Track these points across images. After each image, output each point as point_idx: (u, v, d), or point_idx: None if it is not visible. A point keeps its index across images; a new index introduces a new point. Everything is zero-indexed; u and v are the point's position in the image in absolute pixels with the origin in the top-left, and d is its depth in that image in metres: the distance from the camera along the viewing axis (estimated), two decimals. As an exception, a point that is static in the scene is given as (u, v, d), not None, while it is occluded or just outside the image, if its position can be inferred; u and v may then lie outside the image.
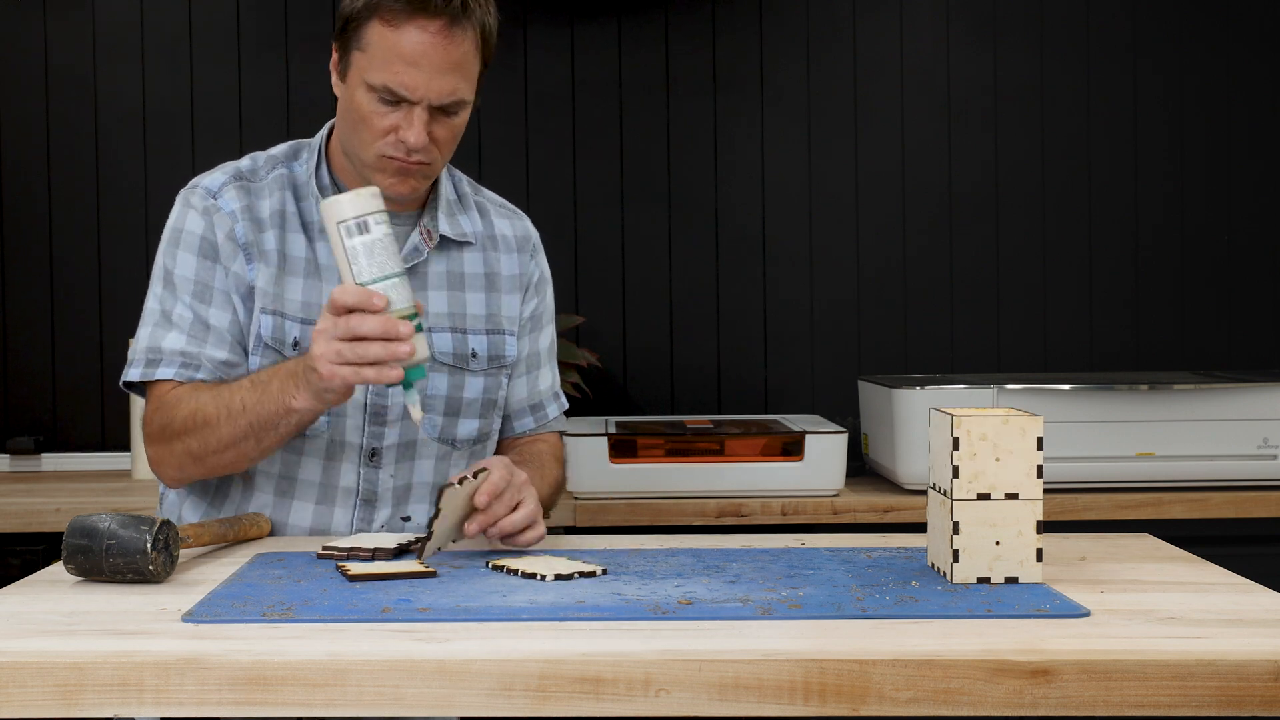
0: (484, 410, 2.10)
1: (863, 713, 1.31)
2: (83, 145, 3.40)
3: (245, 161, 2.07)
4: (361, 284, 1.74)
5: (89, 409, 3.38)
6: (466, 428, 2.08)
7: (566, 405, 2.25)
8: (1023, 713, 1.31)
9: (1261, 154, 3.43)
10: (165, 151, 3.37)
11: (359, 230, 1.74)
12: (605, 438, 2.82)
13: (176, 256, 2.00)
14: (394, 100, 1.93)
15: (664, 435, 2.90)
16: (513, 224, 2.17)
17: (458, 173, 2.16)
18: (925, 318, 3.42)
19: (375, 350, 1.73)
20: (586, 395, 3.24)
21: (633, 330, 3.43)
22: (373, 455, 2.02)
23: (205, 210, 2.01)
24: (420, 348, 1.75)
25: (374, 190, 1.77)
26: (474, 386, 2.08)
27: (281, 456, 2.00)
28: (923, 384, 2.87)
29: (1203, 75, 3.42)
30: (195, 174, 2.10)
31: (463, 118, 1.99)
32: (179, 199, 2.05)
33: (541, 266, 2.20)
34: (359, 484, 2.03)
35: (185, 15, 3.40)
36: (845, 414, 3.26)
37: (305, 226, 2.03)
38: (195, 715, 1.31)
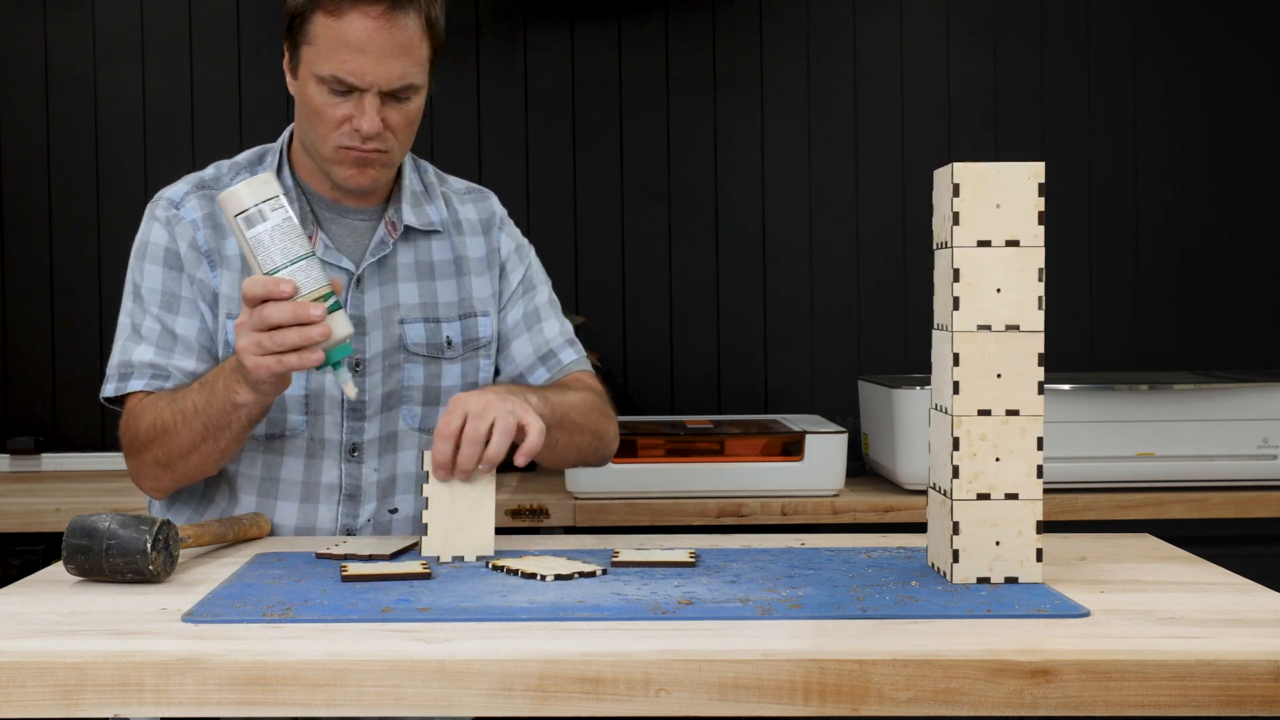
0: None
1: (863, 713, 1.31)
2: (83, 145, 3.40)
3: (210, 170, 2.09)
4: (268, 272, 1.74)
5: (89, 409, 3.38)
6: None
7: (584, 353, 2.20)
8: (1023, 713, 1.31)
9: (1261, 154, 3.43)
10: (165, 151, 3.37)
11: (259, 218, 1.74)
12: (605, 438, 2.82)
13: (144, 270, 2.02)
14: (344, 90, 1.94)
15: (664, 435, 2.89)
16: (477, 206, 2.18)
17: (424, 163, 2.17)
18: (925, 317, 3.41)
19: (291, 337, 1.73)
20: (586, 395, 3.24)
21: (633, 330, 3.43)
22: (354, 450, 2.03)
23: (168, 221, 2.03)
24: (338, 326, 1.75)
25: (266, 177, 1.77)
26: (451, 374, 2.09)
27: (263, 458, 2.02)
28: (922, 384, 2.87)
29: (1203, 75, 3.42)
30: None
31: (416, 104, 1.99)
32: (145, 212, 2.07)
33: (514, 237, 2.19)
34: (342, 480, 2.03)
35: (185, 15, 3.40)
36: (845, 414, 3.26)
37: None
38: (195, 715, 1.31)
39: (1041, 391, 1.61)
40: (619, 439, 2.17)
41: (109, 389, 2.02)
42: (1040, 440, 1.61)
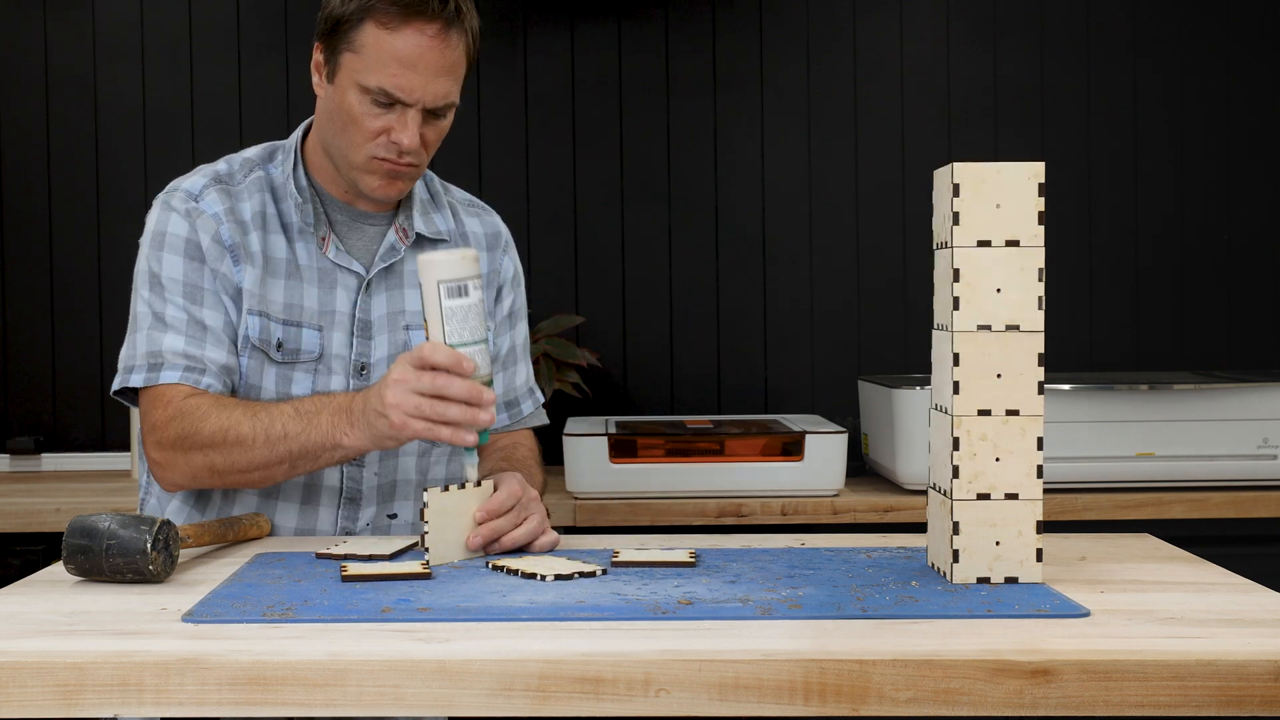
0: None
1: (863, 713, 1.31)
2: (83, 145, 3.40)
3: (221, 165, 2.07)
4: (452, 345, 1.76)
5: (89, 409, 3.38)
6: None
7: (543, 399, 2.26)
8: (1023, 713, 1.31)
9: (1261, 154, 3.43)
10: (165, 151, 3.37)
11: (459, 293, 1.76)
12: (605, 438, 2.82)
13: (162, 259, 1.98)
14: (389, 102, 1.93)
15: (664, 435, 2.90)
16: (482, 221, 2.18)
17: (429, 172, 2.17)
18: (925, 317, 3.42)
19: (455, 413, 1.75)
20: (586, 395, 3.24)
21: (633, 330, 3.43)
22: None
23: (188, 213, 2.00)
24: (492, 414, 1.78)
25: (474, 253, 1.78)
26: None
27: None
28: (922, 384, 2.87)
29: (1203, 75, 3.42)
30: (195, 174, 2.10)
31: (449, 120, 2.00)
32: (158, 203, 2.03)
33: (515, 263, 2.21)
34: (343, 483, 2.03)
35: (185, 15, 3.40)
36: (845, 414, 3.26)
37: (285, 228, 2.03)
38: (195, 715, 1.31)
39: (1041, 391, 1.61)
40: None
41: (136, 379, 1.97)
42: (1040, 440, 1.61)
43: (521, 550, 1.83)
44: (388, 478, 2.06)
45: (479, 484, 1.81)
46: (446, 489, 1.77)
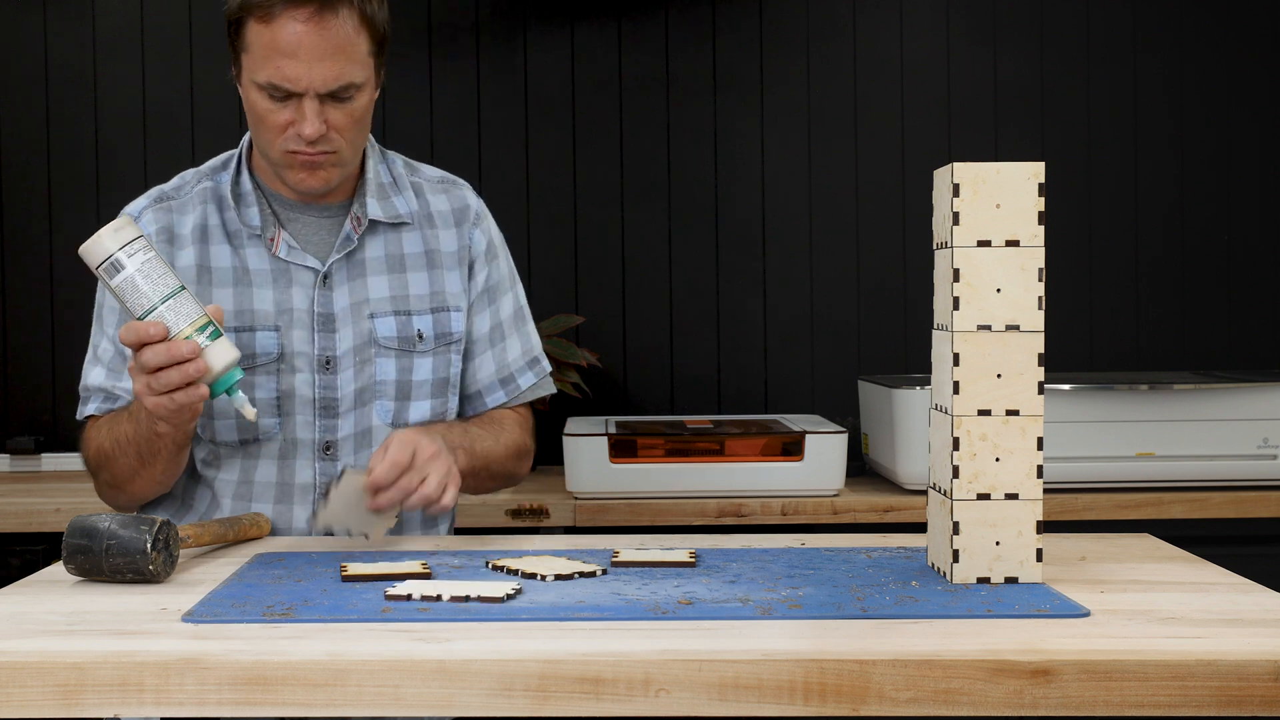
0: (435, 391, 2.09)
1: (863, 713, 1.31)
2: (83, 145, 3.40)
3: (173, 181, 2.10)
4: (139, 316, 1.77)
5: (89, 409, 3.38)
6: (419, 410, 2.07)
7: (549, 369, 2.22)
8: (1023, 713, 1.31)
9: (1262, 154, 3.43)
10: (165, 151, 3.37)
11: (116, 269, 1.77)
12: (605, 438, 2.82)
13: (101, 288, 2.05)
14: (283, 95, 1.94)
15: (664, 435, 2.90)
16: (450, 196, 2.15)
17: (392, 155, 2.16)
18: (925, 317, 3.42)
19: (172, 376, 1.76)
20: (586, 395, 3.24)
21: (633, 330, 3.43)
22: (327, 448, 2.03)
23: None
24: (217, 356, 1.78)
25: (120, 222, 1.79)
26: (423, 368, 2.08)
27: (240, 462, 2.03)
28: (922, 384, 2.87)
29: (1203, 75, 3.42)
30: (195, 174, 2.11)
31: (360, 102, 1.98)
32: None
33: (488, 234, 2.16)
34: (316, 479, 2.04)
35: (185, 15, 3.40)
36: (845, 414, 3.26)
37: (230, 236, 2.04)
38: (195, 715, 1.31)
39: (1041, 391, 1.61)
40: (530, 466, 2.23)
41: (78, 412, 2.07)
42: (1040, 440, 1.61)
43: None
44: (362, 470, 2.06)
45: (254, 419, 1.83)
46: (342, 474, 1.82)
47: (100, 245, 1.77)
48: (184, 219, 2.04)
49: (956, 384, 1.60)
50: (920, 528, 1.86)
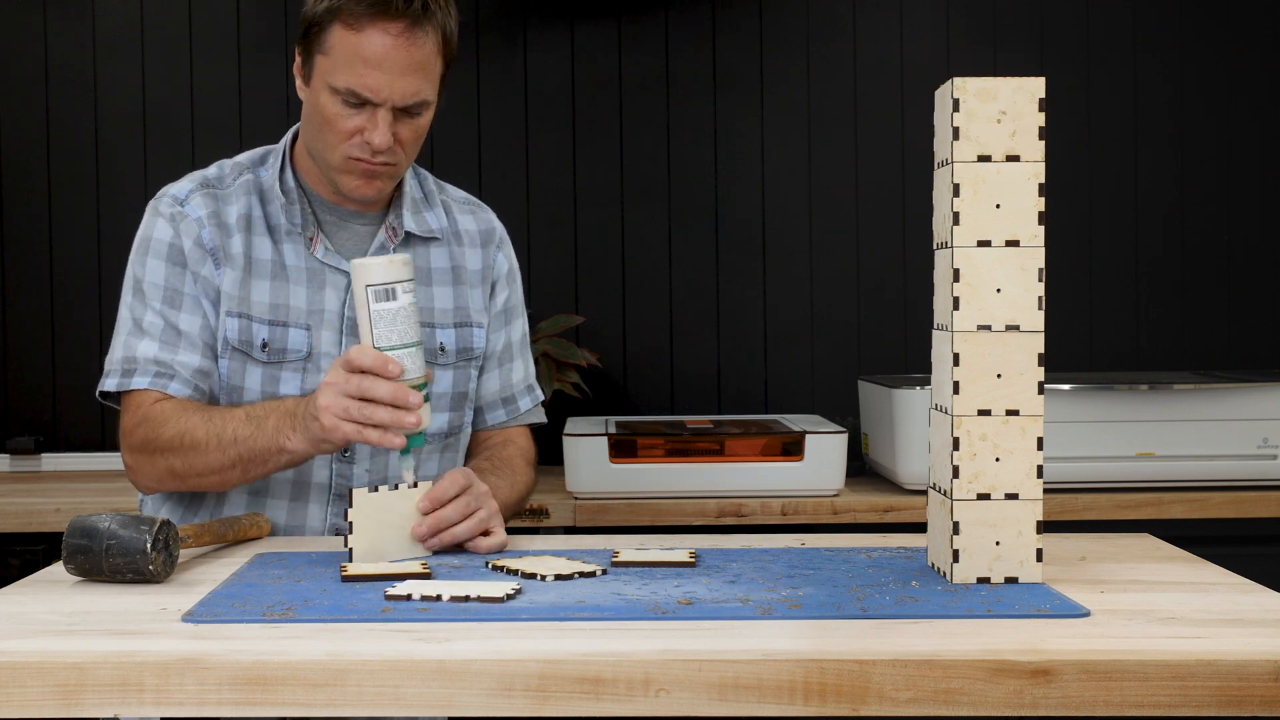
0: (454, 404, 2.11)
1: (863, 713, 1.31)
2: (83, 145, 3.40)
3: (213, 169, 2.09)
4: (380, 349, 1.78)
5: (89, 409, 3.37)
6: (437, 422, 2.09)
7: (542, 397, 2.26)
8: (1023, 713, 1.31)
9: (1262, 154, 3.43)
10: (165, 151, 3.38)
11: (386, 297, 1.78)
12: (605, 438, 2.82)
13: (146, 264, 2.03)
14: (358, 103, 1.95)
15: (664, 435, 2.90)
16: (476, 218, 2.19)
17: (423, 171, 2.18)
18: (925, 317, 3.42)
19: (382, 415, 1.77)
20: (586, 395, 3.24)
21: (633, 330, 3.43)
22: (346, 450, 2.03)
23: (172, 218, 2.03)
24: (424, 418, 1.79)
25: (405, 257, 1.81)
26: (443, 381, 2.10)
27: None
28: (922, 384, 2.87)
29: (1203, 75, 3.42)
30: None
31: (426, 118, 2.01)
32: (148, 208, 2.07)
33: (509, 259, 2.21)
34: (332, 480, 2.04)
35: (185, 15, 3.40)
36: (845, 414, 3.26)
37: (271, 230, 2.05)
38: (195, 715, 1.31)
39: (1041, 391, 1.61)
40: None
41: (110, 383, 2.02)
42: (1040, 440, 1.61)
43: (462, 549, 1.82)
44: (379, 474, 2.06)
45: (415, 485, 1.81)
46: (375, 489, 1.78)
47: (391, 268, 1.78)
48: (229, 208, 2.04)
49: (956, 384, 1.60)
50: (920, 528, 1.86)
